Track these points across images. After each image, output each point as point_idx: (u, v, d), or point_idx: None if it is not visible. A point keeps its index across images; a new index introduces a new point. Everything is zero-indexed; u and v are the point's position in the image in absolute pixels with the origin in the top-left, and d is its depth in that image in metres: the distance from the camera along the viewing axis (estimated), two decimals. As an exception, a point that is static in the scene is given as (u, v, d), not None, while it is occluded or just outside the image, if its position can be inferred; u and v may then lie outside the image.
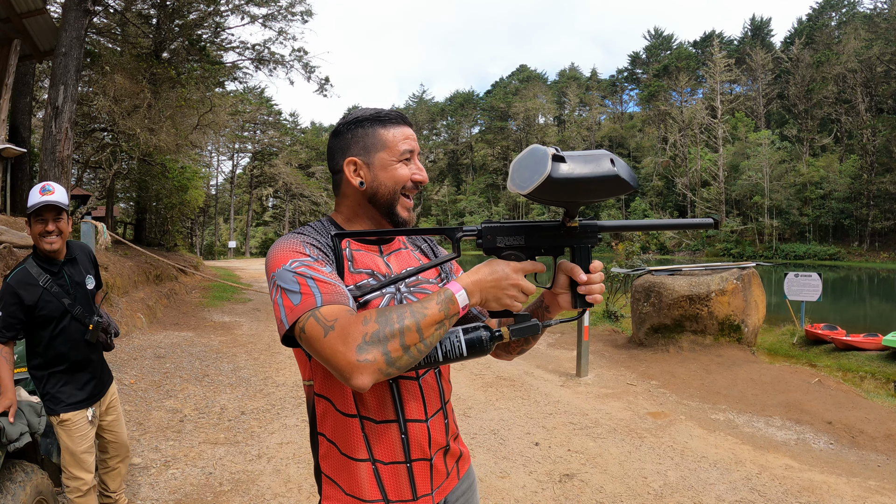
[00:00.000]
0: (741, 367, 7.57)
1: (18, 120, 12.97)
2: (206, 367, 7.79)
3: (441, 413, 1.54)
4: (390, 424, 1.42)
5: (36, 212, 2.91)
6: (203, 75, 18.30)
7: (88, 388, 3.07)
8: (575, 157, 1.22)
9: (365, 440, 1.41)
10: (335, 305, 1.22)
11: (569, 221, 1.38)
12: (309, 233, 1.46)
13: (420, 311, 1.22)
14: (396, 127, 1.50)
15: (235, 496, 4.10)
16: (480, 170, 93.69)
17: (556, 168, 1.19)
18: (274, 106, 62.09)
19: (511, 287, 1.32)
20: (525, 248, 1.40)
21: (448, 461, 1.57)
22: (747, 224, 59.14)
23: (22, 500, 2.67)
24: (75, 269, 3.11)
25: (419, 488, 1.46)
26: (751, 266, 8.76)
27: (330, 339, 1.17)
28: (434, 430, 1.50)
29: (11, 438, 2.62)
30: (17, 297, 2.86)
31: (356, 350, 1.15)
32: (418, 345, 1.21)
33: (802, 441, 5.38)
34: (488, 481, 4.42)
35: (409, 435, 1.44)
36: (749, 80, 71.29)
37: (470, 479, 1.71)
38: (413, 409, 1.45)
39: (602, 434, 5.48)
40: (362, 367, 1.15)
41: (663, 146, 72.36)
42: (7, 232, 8.27)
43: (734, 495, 4.17)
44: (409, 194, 1.52)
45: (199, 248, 48.49)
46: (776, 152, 57.44)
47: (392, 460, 1.43)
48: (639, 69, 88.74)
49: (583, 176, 1.21)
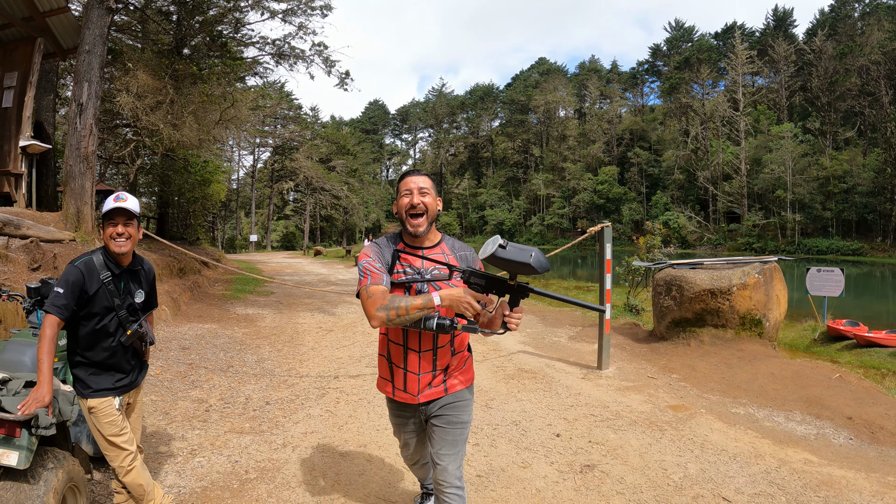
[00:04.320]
0: (762, 361, 7.56)
1: (43, 117, 13.19)
2: (231, 359, 7.93)
3: (430, 352, 2.85)
4: (399, 347, 2.88)
5: (108, 215, 3.13)
6: (224, 71, 18.42)
7: (117, 380, 3.24)
8: (513, 247, 2.37)
9: (389, 353, 2.94)
10: (375, 286, 2.63)
11: (510, 280, 2.53)
12: (380, 244, 2.89)
13: (411, 301, 2.53)
14: (406, 179, 2.87)
15: (261, 484, 4.20)
16: (501, 163, 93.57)
17: (499, 252, 2.37)
18: (294, 100, 62.39)
19: (465, 303, 2.50)
20: (483, 286, 2.55)
21: (434, 381, 2.89)
22: (769, 218, 58.49)
23: (54, 485, 2.77)
24: (133, 280, 3.32)
25: (408, 387, 2.90)
26: (773, 260, 8.71)
27: (368, 301, 2.60)
28: (423, 359, 2.85)
29: (45, 426, 2.72)
30: (81, 282, 3.06)
31: (376, 309, 2.56)
32: (405, 316, 2.53)
33: (822, 436, 5.38)
34: (510, 471, 4.49)
35: (408, 356, 2.87)
36: (771, 72, 70.33)
37: (458, 398, 2.96)
38: (412, 343, 2.84)
39: (623, 426, 5.53)
40: (375, 317, 2.57)
41: (685, 139, 71.69)
42: (34, 226, 8.46)
43: (753, 488, 4.21)
44: (411, 213, 2.80)
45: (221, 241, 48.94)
46: (799, 146, 56.66)
47: (399, 365, 2.90)
48: (659, 61, 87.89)
49: (511, 259, 2.36)
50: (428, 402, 2.90)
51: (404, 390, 2.88)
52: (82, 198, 10.29)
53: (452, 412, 2.91)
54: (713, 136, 66.83)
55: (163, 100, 15.52)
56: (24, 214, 9.06)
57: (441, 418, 2.90)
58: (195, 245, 20.29)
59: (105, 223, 3.16)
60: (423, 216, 2.78)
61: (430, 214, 2.80)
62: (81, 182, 10.32)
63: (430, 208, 2.80)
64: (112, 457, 3.18)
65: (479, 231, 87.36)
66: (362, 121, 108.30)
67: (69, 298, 3.01)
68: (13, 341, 3.74)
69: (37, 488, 2.69)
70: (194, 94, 16.88)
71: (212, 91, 17.95)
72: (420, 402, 2.87)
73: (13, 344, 3.70)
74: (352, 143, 71.02)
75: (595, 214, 74.05)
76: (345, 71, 20.89)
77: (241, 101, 21.14)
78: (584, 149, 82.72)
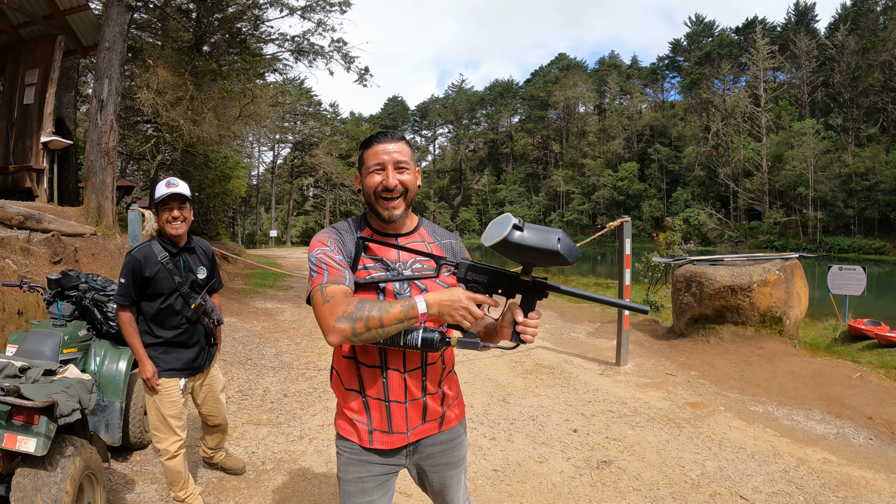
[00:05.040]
0: (782, 359, 7.48)
1: (64, 113, 13.34)
2: (249, 352, 7.98)
3: (419, 371, 2.02)
4: (375, 369, 1.98)
5: (163, 201, 3.37)
6: (244, 67, 18.54)
7: (185, 361, 3.49)
8: (531, 228, 1.62)
9: (359, 378, 2.00)
10: (335, 285, 1.79)
11: (523, 276, 1.80)
12: (340, 228, 2.06)
13: (386, 308, 1.72)
14: (372, 146, 2.01)
15: (277, 475, 4.23)
16: (520, 159, 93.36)
17: (512, 235, 1.60)
18: (314, 97, 62.65)
19: (462, 309, 1.74)
20: (486, 285, 1.84)
21: (428, 413, 2.06)
22: (791, 216, 57.80)
23: (71, 473, 2.80)
24: (191, 258, 3.58)
25: (395, 424, 2.01)
26: (794, 257, 8.60)
27: (324, 308, 1.75)
28: (411, 381, 2.00)
29: (64, 413, 2.76)
30: (138, 269, 3.33)
31: (335, 320, 1.71)
32: (378, 329, 1.71)
33: (842, 435, 5.31)
34: (526, 466, 4.48)
35: (389, 380, 1.98)
36: (793, 68, 69.34)
37: (453, 435, 2.18)
38: (393, 361, 1.98)
39: (640, 423, 5.49)
40: (335, 332, 1.71)
41: (705, 135, 71.01)
42: (55, 221, 8.56)
43: (771, 487, 4.16)
44: (384, 196, 1.99)
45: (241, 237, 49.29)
46: (821, 142, 55.87)
47: (376, 397, 1.99)
48: (680, 56, 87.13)
49: (530, 244, 1.61)
50: (417, 442, 2.09)
51: (389, 431, 2.00)
52: (103, 192, 10.40)
53: (451, 451, 2.17)
54: (734, 133, 66.16)
55: (183, 96, 15.64)
56: (46, 209, 9.18)
57: (435, 462, 2.15)
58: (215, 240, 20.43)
59: (160, 209, 3.38)
60: (401, 197, 2.00)
61: (410, 195, 2.03)
62: (102, 177, 10.43)
63: (410, 187, 2.02)
64: (161, 438, 3.37)
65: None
66: (382, 117, 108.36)
67: (129, 286, 3.33)
68: (33, 332, 3.79)
69: (54, 475, 2.72)
70: (214, 90, 16.99)
71: (231, 87, 18.07)
72: (409, 441, 2.05)
73: (33, 334, 3.75)
74: (372, 138, 71.05)
75: (615, 211, 73.58)
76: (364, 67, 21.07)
77: (260, 98, 21.27)
78: (603, 145, 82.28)
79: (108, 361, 4.17)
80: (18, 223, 7.90)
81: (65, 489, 2.71)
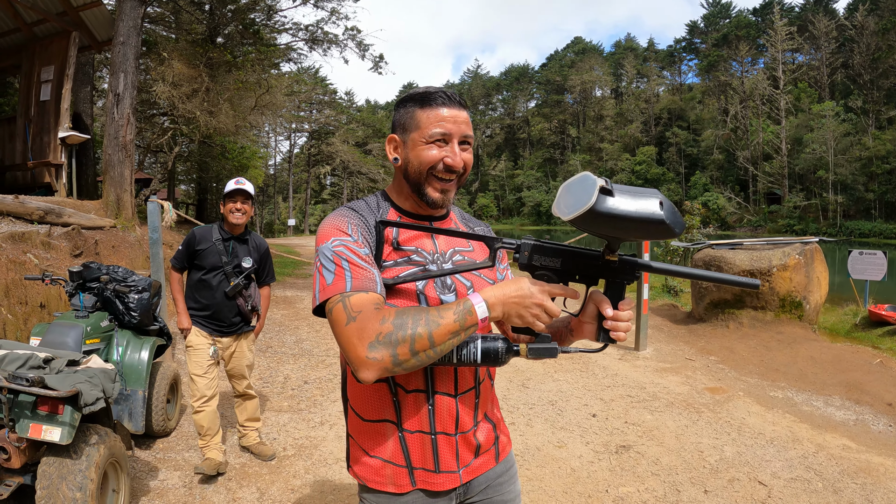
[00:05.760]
0: (801, 344, 7.43)
1: (81, 108, 13.47)
2: (270, 340, 8.05)
3: (472, 392, 1.56)
4: (419, 394, 1.48)
5: (230, 194, 4.04)
6: (258, 58, 18.59)
7: (213, 322, 4.07)
8: (623, 192, 1.20)
9: (395, 406, 1.49)
10: (362, 294, 1.31)
11: (609, 255, 1.38)
12: (359, 209, 1.54)
13: (435, 319, 1.27)
14: (434, 109, 1.50)
15: (298, 460, 4.28)
16: (537, 144, 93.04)
17: (602, 201, 1.17)
18: (329, 85, 62.56)
19: (535, 306, 1.34)
20: (560, 271, 1.41)
21: (482, 442, 1.59)
22: (811, 200, 57.09)
23: (95, 460, 2.85)
24: (241, 247, 4.16)
25: (443, 462, 1.50)
26: (813, 241, 8.52)
27: (350, 329, 1.27)
28: (463, 407, 1.53)
29: (88, 402, 2.81)
30: (192, 241, 4.03)
31: (367, 347, 1.24)
32: (428, 351, 1.27)
33: (861, 422, 5.27)
34: (545, 450, 4.50)
35: (436, 407, 1.49)
36: (812, 49, 68.25)
37: (509, 464, 1.71)
38: (443, 383, 1.50)
39: (659, 407, 5.49)
40: (369, 364, 1.24)
41: (724, 118, 70.28)
42: (75, 214, 8.67)
43: (790, 473, 4.15)
44: (440, 176, 1.51)
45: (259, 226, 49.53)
46: (841, 125, 54.96)
47: (417, 429, 1.48)
48: (697, 38, 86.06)
49: (626, 213, 1.18)
50: (469, 482, 1.58)
51: (436, 470, 1.50)
52: (122, 185, 10.50)
53: (508, 485, 1.68)
54: (753, 115, 65.34)
55: (198, 88, 15.73)
56: (66, 203, 9.28)
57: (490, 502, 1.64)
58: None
59: (226, 200, 4.05)
60: (457, 179, 1.56)
61: (465, 177, 1.58)
62: (120, 170, 10.53)
63: (469, 167, 1.57)
64: (192, 393, 4.01)
65: (517, 213, 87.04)
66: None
67: (182, 253, 4.06)
68: (56, 323, 3.85)
69: (79, 463, 2.78)
70: (229, 81, 17.07)
71: (247, 78, 18.14)
72: (462, 482, 1.55)
73: (56, 326, 3.81)
74: (388, 126, 71.13)
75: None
76: (378, 54, 21.00)
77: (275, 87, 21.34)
78: (621, 129, 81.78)
79: (131, 351, 4.23)
80: (39, 218, 8.00)
81: (90, 476, 2.77)
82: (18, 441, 2.77)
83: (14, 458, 2.79)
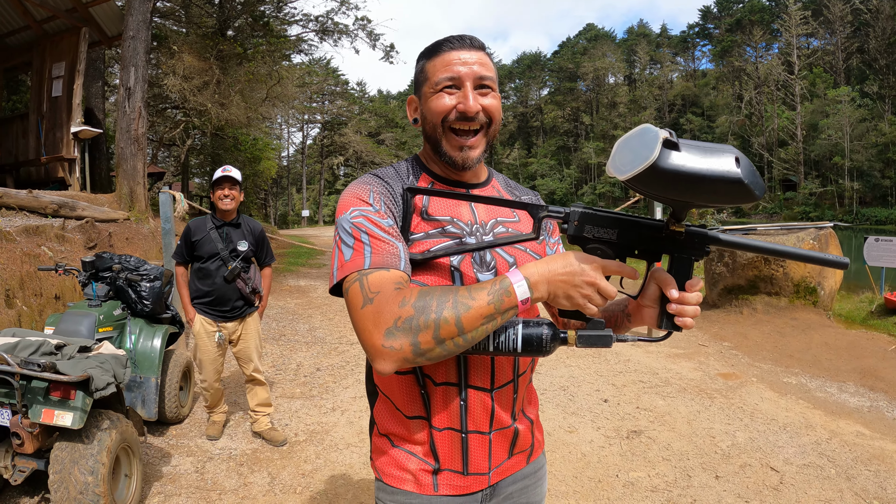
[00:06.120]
0: (816, 330, 7.37)
1: (92, 103, 13.60)
2: (283, 328, 8.11)
3: (511, 386, 1.37)
4: (450, 388, 1.30)
5: (217, 182, 4.21)
6: (269, 49, 18.62)
7: (215, 308, 4.24)
8: (691, 146, 0.99)
9: (423, 400, 1.32)
10: (383, 272, 1.14)
11: (674, 224, 1.16)
12: (385, 175, 1.37)
13: (465, 301, 1.09)
14: (442, 54, 1.33)
15: (310, 445, 4.32)
16: (551, 132, 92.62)
17: (665, 156, 0.98)
18: (341, 76, 62.60)
19: (587, 285, 1.13)
20: (616, 244, 1.19)
21: (518, 443, 1.41)
22: (826, 186, 56.48)
23: (107, 445, 2.89)
24: (235, 232, 4.30)
25: (472, 463, 1.33)
26: (828, 226, 8.44)
27: (365, 312, 1.11)
28: (499, 403, 1.34)
29: (99, 387, 2.84)
30: (189, 234, 4.20)
31: (384, 334, 1.07)
32: (456, 339, 1.08)
33: (875, 409, 5.22)
34: (556, 435, 4.50)
35: (469, 403, 1.31)
36: (827, 34, 67.24)
37: (538, 465, 1.52)
38: (478, 376, 1.31)
39: (671, 393, 5.47)
40: (386, 354, 1.08)
41: (738, 104, 69.61)
42: (88, 207, 8.75)
43: (803, 459, 4.12)
44: (456, 128, 1.32)
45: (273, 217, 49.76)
46: (856, 110, 54.21)
47: (447, 426, 1.31)
48: (710, 24, 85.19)
49: (695, 171, 0.98)
50: (496, 483, 1.41)
51: (464, 472, 1.34)
52: (134, 178, 10.59)
53: (535, 488, 1.52)
54: (768, 101, 64.68)
55: (209, 80, 15.79)
56: (79, 197, 9.37)
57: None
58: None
59: (214, 188, 4.22)
60: (481, 132, 1.35)
61: (493, 129, 1.37)
62: (133, 163, 10.62)
63: (495, 117, 1.36)
64: (199, 377, 4.37)
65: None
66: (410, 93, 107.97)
67: (182, 246, 4.25)
68: (69, 313, 3.90)
69: (90, 448, 2.81)
70: (240, 73, 17.12)
71: (257, 70, 18.18)
72: (490, 483, 1.38)
73: (70, 315, 3.86)
74: (400, 116, 71.10)
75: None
76: (389, 44, 20.98)
77: (287, 79, 21.37)
78: (635, 115, 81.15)
79: (144, 339, 4.27)
80: (53, 211, 8.08)
81: (101, 461, 2.80)
82: (31, 426, 2.81)
83: (27, 444, 2.82)
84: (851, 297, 11.54)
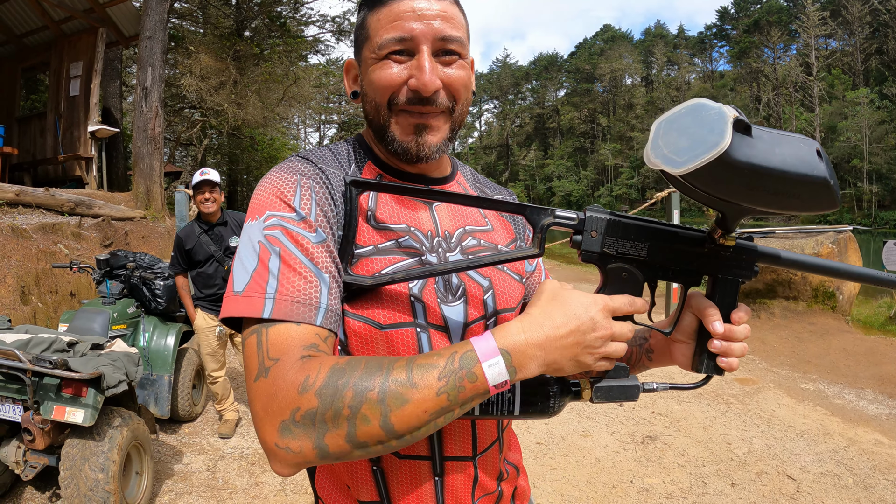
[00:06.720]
0: (834, 336, 7.26)
1: (110, 103, 13.68)
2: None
3: (496, 445, 1.04)
4: (419, 463, 0.95)
5: (197, 186, 4.28)
6: (285, 50, 18.71)
7: (218, 307, 4.26)
8: (764, 132, 0.69)
9: (376, 480, 0.94)
10: (289, 326, 0.79)
11: (721, 236, 0.88)
12: (321, 161, 0.95)
13: (401, 389, 0.73)
14: (388, 4, 0.92)
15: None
16: (567, 133, 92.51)
17: (740, 144, 0.67)
18: (359, 77, 62.89)
19: (600, 341, 0.81)
20: (647, 264, 0.89)
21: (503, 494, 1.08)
22: (845, 189, 55.85)
23: (118, 442, 2.90)
24: (224, 230, 4.40)
25: None
26: (847, 229, 8.32)
27: (258, 389, 0.77)
28: (483, 468, 1.01)
29: (111, 385, 2.85)
30: (181, 243, 4.28)
31: (278, 430, 0.74)
32: (387, 443, 0.74)
33: (894, 416, 5.13)
34: (570, 440, 4.46)
35: (447, 479, 0.96)
36: (845, 34, 66.51)
37: None
38: (456, 444, 0.97)
39: (687, 398, 5.41)
40: (281, 456, 0.75)
41: (756, 106, 69.02)
42: (105, 206, 8.80)
43: (820, 467, 4.05)
44: (409, 110, 0.93)
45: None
46: (875, 112, 53.59)
47: None
48: (728, 25, 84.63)
49: (776, 167, 0.68)
50: None
51: None
52: (151, 177, 10.64)
53: None
54: (786, 103, 64.14)
55: (226, 80, 15.88)
56: (96, 195, 9.42)
57: None
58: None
59: (195, 193, 4.28)
60: (443, 114, 0.96)
61: (459, 112, 0.98)
62: (150, 162, 10.68)
63: (460, 94, 0.96)
64: (205, 367, 4.41)
65: (547, 203, 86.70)
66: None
67: (177, 257, 4.30)
68: (83, 310, 3.92)
69: (102, 445, 2.81)
70: (257, 73, 17.21)
71: (274, 70, 18.26)
72: None
73: (83, 312, 3.88)
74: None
75: (665, 185, 71.57)
76: (407, 44, 20.95)
77: (303, 79, 21.46)
78: (652, 117, 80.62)
79: (157, 337, 4.29)
80: (69, 209, 8.13)
81: (112, 458, 2.80)
82: (43, 423, 2.82)
83: (39, 440, 2.83)
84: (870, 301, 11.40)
